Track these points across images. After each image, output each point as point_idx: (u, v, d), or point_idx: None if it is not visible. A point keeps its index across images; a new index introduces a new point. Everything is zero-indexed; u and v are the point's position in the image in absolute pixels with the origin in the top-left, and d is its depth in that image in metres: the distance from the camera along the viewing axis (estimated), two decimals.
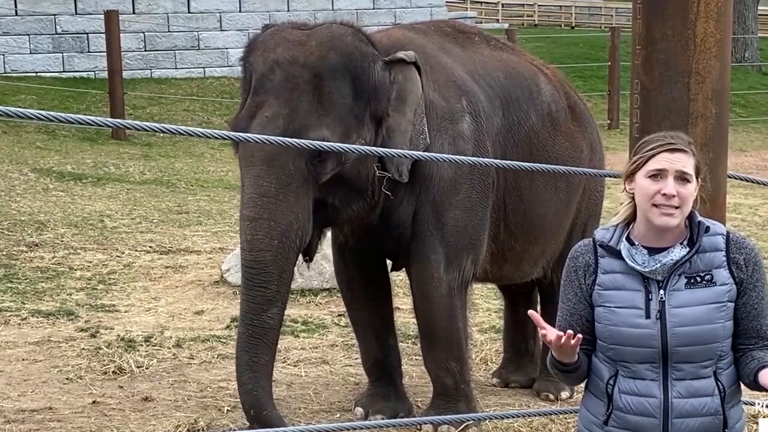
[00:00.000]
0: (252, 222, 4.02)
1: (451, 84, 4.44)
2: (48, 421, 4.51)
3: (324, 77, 4.06)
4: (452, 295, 4.40)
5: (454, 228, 4.37)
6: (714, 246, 2.58)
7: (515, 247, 4.72)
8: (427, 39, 4.63)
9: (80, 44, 16.44)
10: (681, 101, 3.28)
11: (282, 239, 4.01)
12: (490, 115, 4.50)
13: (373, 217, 4.33)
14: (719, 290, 2.56)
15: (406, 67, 4.22)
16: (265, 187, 3.99)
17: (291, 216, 4.01)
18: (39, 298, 6.44)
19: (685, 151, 2.57)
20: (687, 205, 2.56)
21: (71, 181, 10.45)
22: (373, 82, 4.16)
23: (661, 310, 2.55)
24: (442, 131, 4.34)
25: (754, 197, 10.98)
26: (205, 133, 3.13)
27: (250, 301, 4.05)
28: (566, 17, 32.17)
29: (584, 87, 17.09)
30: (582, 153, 4.89)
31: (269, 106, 4.02)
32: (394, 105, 4.20)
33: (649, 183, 2.55)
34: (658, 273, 2.56)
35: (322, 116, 4.03)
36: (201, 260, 7.40)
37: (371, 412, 4.59)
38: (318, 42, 4.12)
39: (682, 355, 2.54)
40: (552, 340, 2.52)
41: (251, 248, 4.02)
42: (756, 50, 21.95)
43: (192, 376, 5.15)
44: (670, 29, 3.26)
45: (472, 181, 4.38)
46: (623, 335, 2.57)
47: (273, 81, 4.05)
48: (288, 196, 3.99)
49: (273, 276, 4.03)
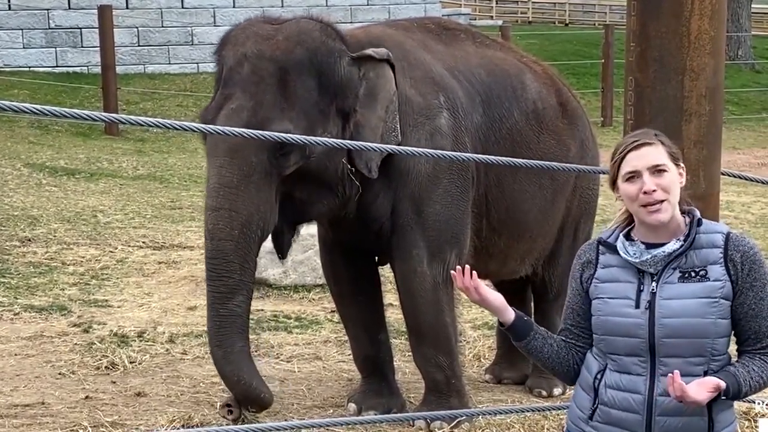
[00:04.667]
0: (214, 212, 4.07)
1: (429, 80, 4.45)
2: (40, 416, 4.51)
3: (289, 71, 4.11)
4: (437, 289, 4.40)
5: (435, 222, 4.37)
6: (711, 242, 2.56)
7: (499, 243, 4.73)
8: (407, 35, 4.64)
9: (74, 39, 16.41)
10: (675, 98, 3.28)
11: (243, 229, 4.05)
12: (469, 112, 4.51)
13: (348, 211, 4.35)
14: (712, 285, 2.54)
15: (378, 64, 4.24)
16: (227, 177, 4.04)
17: (252, 207, 4.05)
18: (32, 293, 6.44)
19: (651, 144, 2.57)
20: (673, 194, 2.55)
21: (64, 176, 10.43)
22: (339, 77, 4.19)
23: (651, 301, 2.55)
24: (419, 127, 4.35)
25: (747, 195, 11.00)
26: (199, 128, 3.12)
27: (214, 292, 4.10)
28: (560, 14, 32.19)
29: (578, 84, 17.12)
30: (569, 151, 4.87)
31: (236, 98, 4.08)
32: (363, 101, 4.23)
33: (628, 186, 2.57)
34: (650, 265, 2.57)
35: (286, 110, 4.07)
36: (194, 256, 7.39)
37: (364, 408, 4.59)
38: (285, 36, 4.17)
39: (669, 348, 2.53)
40: (458, 286, 2.71)
41: (212, 237, 4.08)
42: (749, 48, 22.00)
43: (185, 372, 5.15)
44: (664, 26, 3.26)
45: (451, 176, 4.39)
46: (613, 325, 2.60)
47: (241, 74, 4.12)
48: (249, 187, 4.03)
49: (235, 266, 4.07)
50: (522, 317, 2.75)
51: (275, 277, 6.69)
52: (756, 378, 2.54)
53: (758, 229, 9.31)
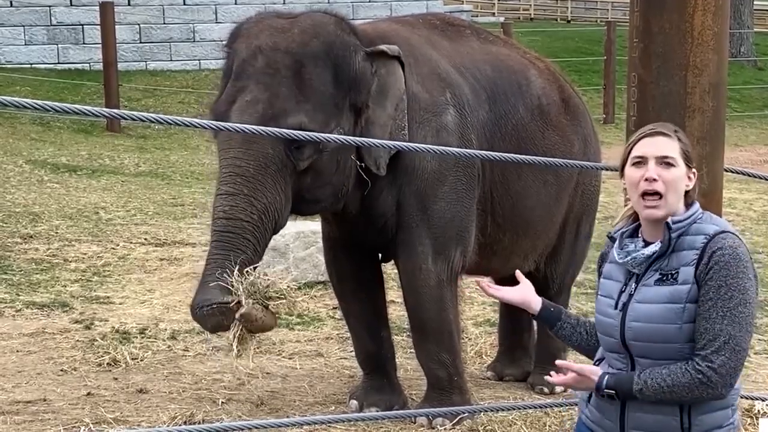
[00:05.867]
0: (231, 196, 3.94)
1: (435, 76, 4.44)
2: (42, 413, 4.50)
3: (305, 64, 4.07)
4: (441, 286, 4.40)
5: (440, 219, 4.36)
6: (691, 244, 2.50)
7: (504, 240, 4.72)
8: (413, 31, 4.63)
9: (75, 36, 16.41)
10: (678, 94, 3.28)
11: (261, 216, 3.95)
12: (475, 108, 4.49)
13: (353, 207, 4.32)
14: (679, 289, 2.48)
15: (389, 61, 4.22)
16: (243, 167, 3.97)
17: (269, 196, 3.98)
18: (33, 289, 6.43)
19: (667, 135, 2.55)
20: (672, 193, 2.52)
21: (66, 173, 10.43)
22: (354, 71, 4.16)
23: (626, 302, 2.56)
24: (425, 123, 4.34)
25: (749, 192, 10.98)
26: (201, 124, 3.12)
27: (217, 254, 3.85)
28: (562, 11, 32.15)
29: (580, 81, 17.08)
30: (573, 147, 4.87)
31: (249, 91, 4.03)
32: (375, 98, 4.20)
33: (633, 171, 2.56)
34: (631, 265, 2.57)
35: (302, 102, 4.03)
36: (196, 252, 7.38)
37: (366, 405, 4.59)
38: (301, 29, 4.14)
39: (638, 350, 2.53)
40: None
41: (230, 216, 3.91)
42: (751, 45, 21.97)
43: (187, 368, 5.15)
44: (667, 22, 3.26)
45: (457, 173, 4.38)
46: (598, 322, 2.65)
47: (254, 66, 4.07)
48: (266, 177, 3.97)
49: (250, 244, 3.91)
50: (548, 308, 2.79)
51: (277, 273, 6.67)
52: (659, 380, 2.46)
53: (760, 226, 9.29)
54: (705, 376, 2.44)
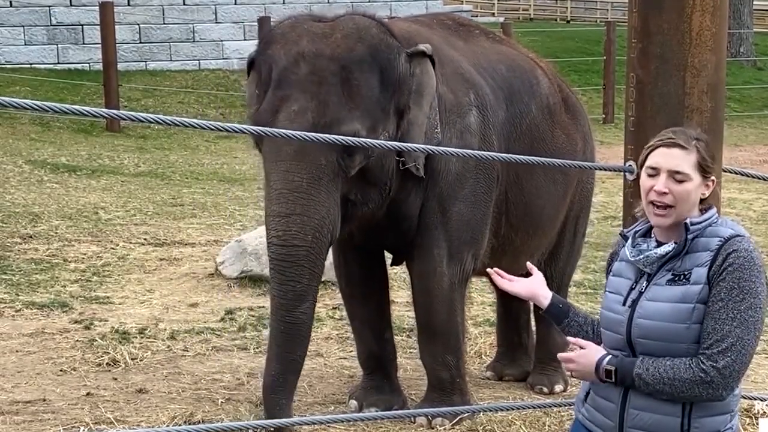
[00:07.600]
0: (284, 218, 3.90)
1: (459, 77, 4.41)
2: (42, 413, 4.51)
3: (352, 70, 3.98)
4: (453, 289, 4.39)
5: (458, 222, 4.34)
6: (705, 246, 2.52)
7: (515, 240, 4.72)
8: (432, 32, 4.60)
9: (75, 36, 16.41)
10: (676, 95, 3.27)
11: (315, 234, 3.91)
12: (496, 108, 4.48)
13: (380, 212, 4.28)
14: (691, 289, 2.49)
15: (423, 60, 4.16)
16: (296, 182, 3.88)
17: (323, 211, 3.92)
18: (33, 289, 6.44)
19: (683, 147, 2.55)
20: (682, 204, 2.53)
21: (66, 173, 10.43)
22: (398, 74, 4.10)
23: (636, 299, 2.57)
24: (451, 125, 4.30)
25: (749, 192, 10.99)
26: (201, 125, 3.11)
27: (281, 298, 3.95)
28: (562, 11, 32.16)
29: (579, 81, 17.10)
30: (577, 145, 4.90)
31: (295, 100, 3.92)
32: (414, 98, 4.14)
33: (646, 180, 2.58)
34: (644, 264, 2.58)
35: (353, 109, 3.95)
36: (196, 253, 7.40)
37: (365, 405, 4.59)
38: (344, 34, 4.03)
39: (644, 347, 2.53)
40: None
41: (284, 243, 3.91)
42: (751, 45, 21.98)
43: (186, 369, 5.15)
44: (666, 22, 3.25)
45: (478, 176, 4.37)
46: (605, 318, 2.65)
47: (298, 74, 3.95)
48: (320, 190, 3.90)
49: (305, 271, 3.93)
50: (557, 303, 2.80)
51: None
52: (661, 370, 2.47)
53: (760, 226, 9.30)
54: (708, 376, 2.44)
